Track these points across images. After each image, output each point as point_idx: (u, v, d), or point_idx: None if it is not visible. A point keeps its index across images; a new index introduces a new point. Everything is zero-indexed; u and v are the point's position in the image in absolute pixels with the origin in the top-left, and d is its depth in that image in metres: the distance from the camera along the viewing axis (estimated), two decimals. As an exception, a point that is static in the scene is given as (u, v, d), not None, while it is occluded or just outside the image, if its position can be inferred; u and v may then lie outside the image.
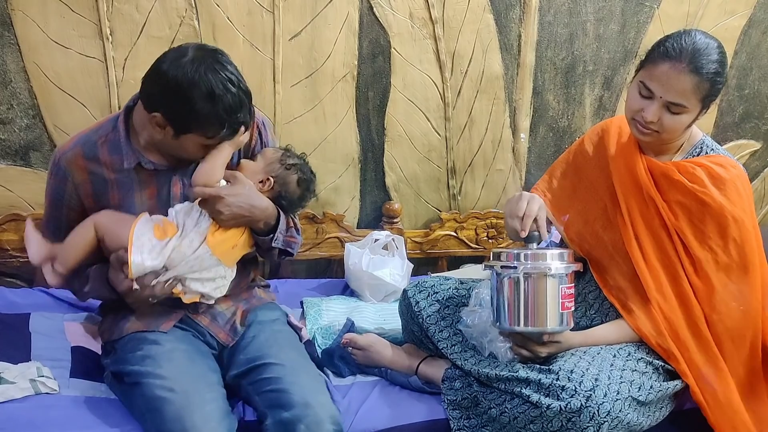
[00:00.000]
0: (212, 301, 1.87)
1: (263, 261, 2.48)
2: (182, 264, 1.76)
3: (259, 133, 1.95)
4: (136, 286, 1.72)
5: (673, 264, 1.85)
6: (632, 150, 1.91)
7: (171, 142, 1.76)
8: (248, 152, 1.94)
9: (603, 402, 1.67)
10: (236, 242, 1.84)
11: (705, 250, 1.82)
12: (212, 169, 1.77)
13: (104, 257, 1.81)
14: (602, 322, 1.93)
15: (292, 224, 1.96)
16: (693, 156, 1.89)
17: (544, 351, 1.83)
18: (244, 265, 1.93)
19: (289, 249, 1.95)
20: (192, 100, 1.67)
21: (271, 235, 1.86)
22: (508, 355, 1.86)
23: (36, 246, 1.78)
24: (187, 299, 1.82)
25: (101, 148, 1.82)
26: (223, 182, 1.80)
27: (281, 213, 1.89)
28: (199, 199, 1.79)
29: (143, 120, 1.77)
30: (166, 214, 1.84)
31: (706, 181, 1.82)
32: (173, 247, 1.74)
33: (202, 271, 1.79)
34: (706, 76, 1.73)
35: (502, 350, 1.87)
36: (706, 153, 1.89)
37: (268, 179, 1.87)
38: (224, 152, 1.79)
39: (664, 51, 1.76)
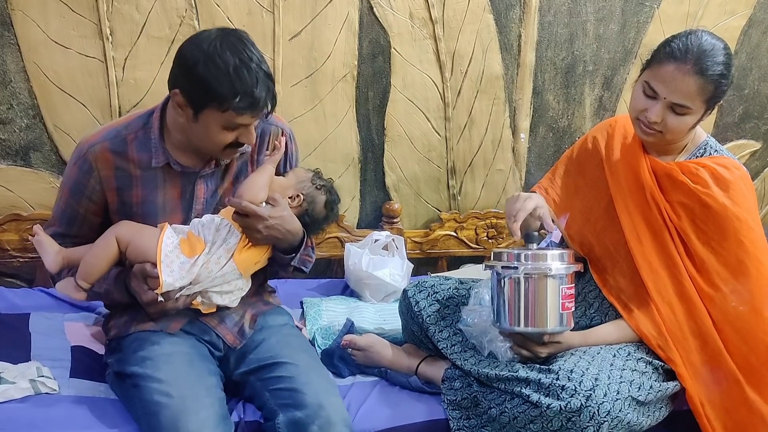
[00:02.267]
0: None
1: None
2: (207, 280, 1.78)
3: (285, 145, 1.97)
4: (161, 299, 1.74)
5: (674, 264, 1.85)
6: (636, 150, 1.91)
7: (193, 128, 1.74)
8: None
9: (603, 402, 1.67)
10: (260, 258, 1.86)
11: (707, 251, 1.82)
12: (258, 188, 1.80)
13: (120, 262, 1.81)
14: (602, 322, 1.93)
15: (310, 244, 1.98)
16: (697, 157, 1.89)
17: (544, 351, 1.84)
18: (254, 272, 1.94)
19: (303, 267, 1.97)
20: (206, 69, 1.66)
21: (293, 255, 1.88)
22: (508, 355, 1.86)
23: (52, 254, 1.78)
24: (205, 310, 1.84)
25: (130, 145, 1.82)
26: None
27: (305, 234, 1.91)
28: (232, 212, 1.80)
29: (173, 114, 1.77)
30: (187, 214, 1.85)
31: (710, 182, 1.82)
32: (201, 264, 1.77)
33: (223, 284, 1.81)
34: (711, 78, 1.72)
35: (502, 350, 1.87)
36: (710, 154, 1.88)
37: (298, 195, 1.89)
38: (267, 171, 1.84)
39: (669, 51, 1.75)
